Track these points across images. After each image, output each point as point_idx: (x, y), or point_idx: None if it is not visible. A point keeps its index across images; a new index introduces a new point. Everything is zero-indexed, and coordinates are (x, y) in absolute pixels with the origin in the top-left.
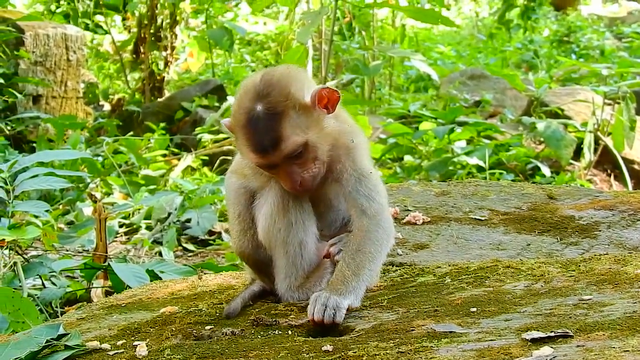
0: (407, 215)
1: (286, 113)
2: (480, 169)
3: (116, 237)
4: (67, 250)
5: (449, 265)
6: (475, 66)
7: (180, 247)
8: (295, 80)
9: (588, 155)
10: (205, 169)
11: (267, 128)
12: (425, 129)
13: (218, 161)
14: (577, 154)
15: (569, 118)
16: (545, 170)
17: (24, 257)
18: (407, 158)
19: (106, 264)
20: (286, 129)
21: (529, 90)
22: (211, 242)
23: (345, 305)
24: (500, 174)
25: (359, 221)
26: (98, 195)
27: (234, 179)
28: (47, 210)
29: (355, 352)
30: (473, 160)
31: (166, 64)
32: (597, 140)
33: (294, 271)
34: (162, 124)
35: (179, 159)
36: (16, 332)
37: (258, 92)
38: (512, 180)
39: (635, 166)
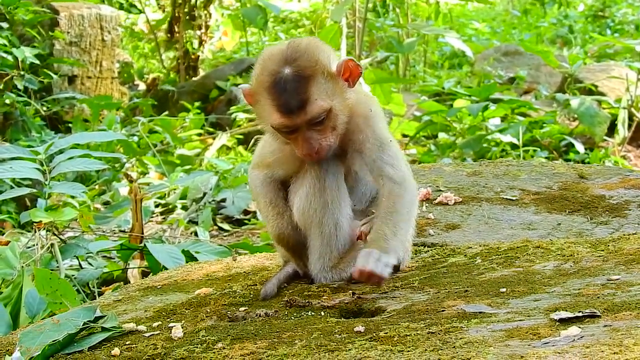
0: (439, 196)
1: (314, 77)
2: (514, 146)
3: (152, 217)
4: (104, 231)
5: (480, 246)
6: (510, 42)
7: (215, 227)
8: (322, 50)
9: (622, 132)
10: (241, 148)
11: (295, 89)
12: (459, 106)
13: (253, 140)
14: (611, 130)
15: (603, 94)
16: (579, 147)
17: (60, 239)
18: (442, 135)
19: (142, 244)
20: (314, 92)
21: (563, 66)
22: (246, 221)
23: (392, 264)
24: (534, 151)
25: (388, 187)
26: (134, 175)
27: (257, 171)
28: (83, 192)
29: (386, 333)
30: (507, 138)
31: (200, 43)
32: (631, 117)
33: (328, 252)
34: (197, 103)
35: (214, 138)
36: (54, 313)
37: (286, 57)
38: (546, 158)
39: None
